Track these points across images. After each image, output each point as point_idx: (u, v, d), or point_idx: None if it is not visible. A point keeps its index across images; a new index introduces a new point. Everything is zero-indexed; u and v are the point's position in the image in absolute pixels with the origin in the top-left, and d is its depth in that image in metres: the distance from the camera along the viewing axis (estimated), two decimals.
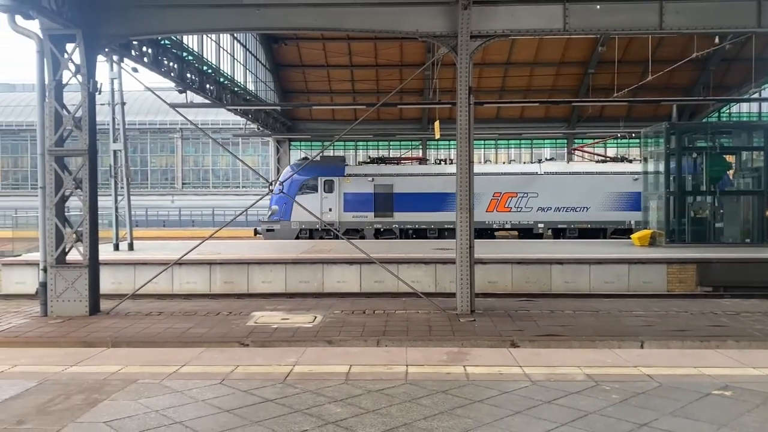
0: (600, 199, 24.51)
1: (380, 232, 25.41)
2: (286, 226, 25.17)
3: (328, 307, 11.21)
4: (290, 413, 4.73)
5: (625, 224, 24.44)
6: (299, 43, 26.03)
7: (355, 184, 25.36)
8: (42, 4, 9.90)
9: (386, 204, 25.31)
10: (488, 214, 25.10)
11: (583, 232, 24.50)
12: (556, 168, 25.65)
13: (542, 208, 24.91)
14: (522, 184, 24.95)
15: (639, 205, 23.86)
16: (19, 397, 5.18)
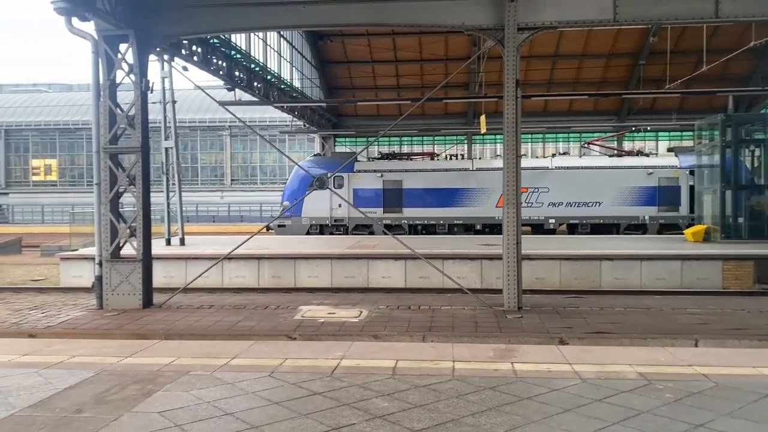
0: (613, 194, 24.10)
1: (390, 228, 25.00)
2: (297, 221, 25.44)
3: (373, 302, 11.26)
4: (338, 406, 4.77)
5: (639, 219, 24.00)
6: (344, 40, 26.13)
7: (364, 180, 25.45)
8: (96, 6, 10.20)
9: (395, 200, 25.27)
10: (498, 210, 24.16)
11: (596, 227, 24.09)
12: (568, 162, 25.24)
13: (553, 203, 24.51)
14: (532, 179, 24.42)
15: (654, 200, 23.76)
16: (78, 386, 5.37)
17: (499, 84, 23.29)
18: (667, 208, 24.06)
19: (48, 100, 42.05)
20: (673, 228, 23.83)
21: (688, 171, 23.80)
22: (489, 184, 24.66)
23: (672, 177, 24.17)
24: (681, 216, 23.70)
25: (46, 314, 10.72)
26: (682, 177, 24.00)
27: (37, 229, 35.57)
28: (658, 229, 24.01)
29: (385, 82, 28.67)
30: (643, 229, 24.07)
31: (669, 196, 23.99)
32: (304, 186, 25.71)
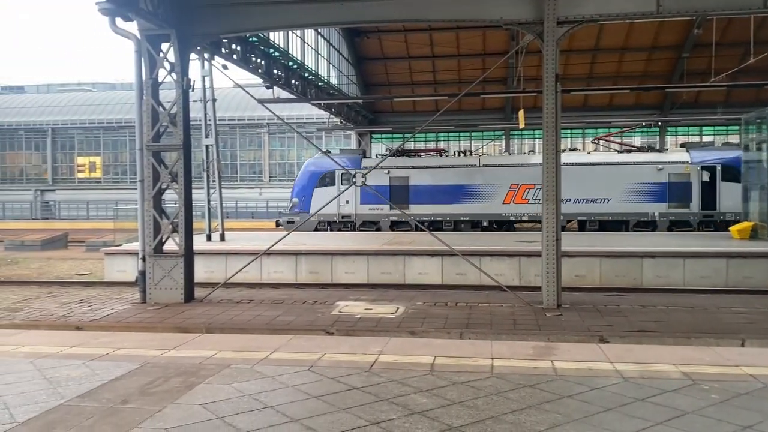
0: (621, 191, 23.82)
1: (396, 224, 25.45)
2: (305, 218, 25.48)
3: (410, 299, 11.27)
4: (376, 401, 4.78)
5: (648, 216, 23.67)
6: (381, 36, 26.16)
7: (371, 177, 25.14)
8: (139, 6, 10.42)
9: (402, 196, 25.12)
10: (505, 206, 24.75)
11: (604, 224, 23.81)
12: (576, 159, 24.88)
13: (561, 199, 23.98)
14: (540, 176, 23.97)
15: (664, 197, 23.34)
16: (123, 378, 5.51)
17: (537, 79, 23.02)
18: (677, 204, 23.72)
19: (92, 99, 43.15)
20: (683, 225, 23.51)
21: (699, 167, 23.54)
22: (496, 180, 24.75)
23: (683, 173, 23.78)
24: (692, 213, 23.35)
25: (91, 307, 11.03)
26: (694, 173, 23.64)
27: (82, 225, 36.60)
28: (669, 226, 23.72)
29: (422, 77, 28.60)
30: (653, 226, 23.74)
31: (680, 193, 23.64)
32: (312, 183, 26.02)
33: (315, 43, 22.17)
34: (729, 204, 23.18)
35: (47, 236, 27.64)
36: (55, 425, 4.34)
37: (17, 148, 43.06)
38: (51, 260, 22.20)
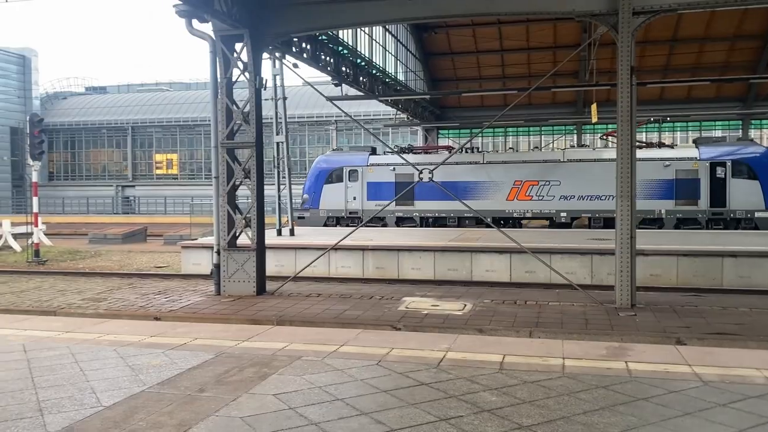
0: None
1: (401, 220, 25.66)
2: (315, 213, 26.32)
3: (477, 296, 11.17)
4: (445, 398, 4.78)
5: (654, 213, 23.08)
6: (449, 31, 25.96)
7: (377, 174, 25.67)
8: (214, 7, 10.75)
9: (407, 193, 24.90)
10: (508, 203, 24.62)
11: (608, 221, 22.89)
12: (580, 155, 24.56)
13: (565, 196, 23.98)
14: (543, 172, 24.21)
15: (671, 193, 22.73)
16: (200, 367, 5.73)
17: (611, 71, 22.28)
18: (685, 201, 23.03)
19: (169, 99, 44.88)
20: (691, 223, 22.90)
21: (708, 163, 22.78)
22: (499, 177, 24.63)
23: (691, 169, 23.07)
24: (700, 210, 22.64)
25: (169, 299, 11.49)
26: (702, 169, 22.87)
27: (160, 219, 38.15)
28: (675, 224, 23.05)
29: (490, 72, 28.22)
30: (660, 224, 23.13)
31: (688, 190, 22.94)
32: (321, 179, 26.67)
33: (383, 39, 22.26)
34: (739, 201, 22.54)
35: (128, 230, 28.97)
36: (137, 410, 4.56)
37: (100, 145, 45.32)
38: (131, 253, 23.27)
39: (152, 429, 4.17)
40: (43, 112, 41.63)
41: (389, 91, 23.07)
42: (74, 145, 45.22)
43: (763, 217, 22.18)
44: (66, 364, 5.84)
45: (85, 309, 10.49)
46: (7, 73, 42.27)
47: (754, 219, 22.38)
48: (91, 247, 25.54)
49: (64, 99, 47.74)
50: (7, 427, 4.25)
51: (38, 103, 44.24)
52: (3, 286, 13.47)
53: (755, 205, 22.29)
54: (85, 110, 45.41)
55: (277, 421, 4.32)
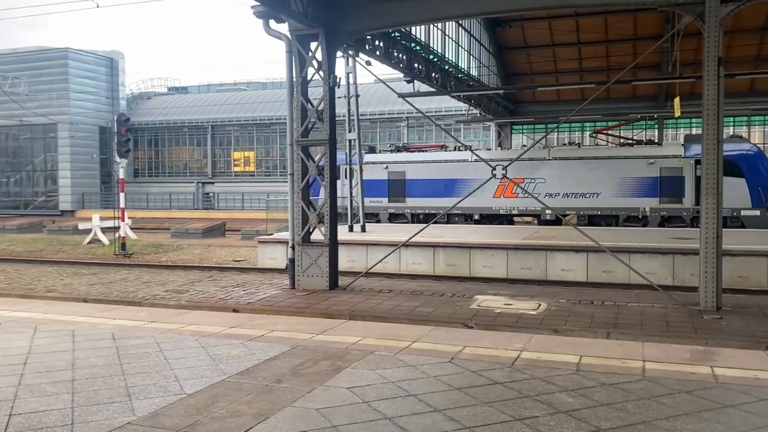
0: (611, 185, 23.24)
1: (394, 216, 26.67)
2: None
3: (552, 295, 10.94)
4: (520, 398, 4.71)
5: (638, 211, 23.26)
6: (523, 25, 25.46)
7: (372, 172, 26.24)
8: (291, 8, 10.98)
9: (399, 190, 26.35)
10: (495, 200, 24.97)
11: (593, 219, 23.41)
12: (565, 153, 24.85)
13: (549, 194, 24.12)
14: (529, 170, 24.43)
15: (655, 191, 22.61)
16: (277, 358, 5.88)
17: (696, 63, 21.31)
18: (669, 199, 22.99)
19: (247, 98, 46.18)
20: (676, 221, 22.68)
21: (693, 160, 22.57)
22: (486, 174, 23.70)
23: (675, 167, 22.97)
24: (685, 208, 22.53)
25: (246, 291, 11.85)
26: (687, 167, 22.76)
27: (237, 215, 39.39)
28: (660, 222, 22.97)
29: (567, 65, 27.48)
30: (644, 222, 23.09)
31: (672, 187, 22.80)
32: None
33: (455, 34, 22.09)
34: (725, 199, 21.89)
35: (207, 225, 30.04)
36: (218, 398, 4.73)
37: (182, 143, 47.20)
38: (211, 247, 24.13)
39: (232, 417, 4.32)
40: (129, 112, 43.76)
41: (462, 87, 22.87)
42: (158, 144, 47.30)
43: (750, 215, 22.02)
44: (151, 352, 6.13)
45: (168, 300, 10.97)
46: (97, 75, 44.64)
47: (740, 217, 22.15)
48: (173, 241, 26.67)
49: (148, 99, 49.98)
50: (99, 410, 4.50)
51: (125, 104, 46.51)
52: (93, 277, 14.27)
53: (741, 203, 22.02)
54: (167, 110, 47.39)
55: (352, 414, 4.38)
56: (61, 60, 42.45)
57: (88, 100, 43.79)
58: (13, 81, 38.92)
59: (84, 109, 43.40)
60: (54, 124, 42.16)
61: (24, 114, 39.50)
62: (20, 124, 41.73)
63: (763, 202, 22.08)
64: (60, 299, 10.96)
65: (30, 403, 4.64)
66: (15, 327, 7.39)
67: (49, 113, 41.18)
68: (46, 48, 44.33)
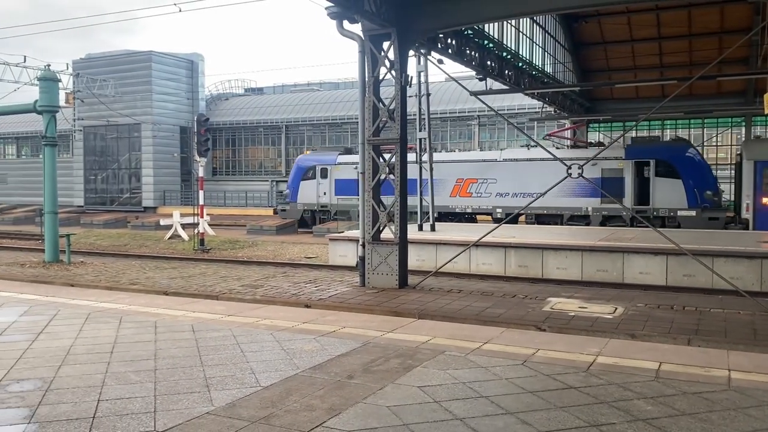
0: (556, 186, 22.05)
1: None
2: (294, 206, 30.42)
3: (629, 299, 10.60)
4: (595, 403, 4.58)
5: (582, 211, 24.47)
6: (601, 20, 24.69)
7: (344, 172, 28.56)
8: (364, 8, 11.08)
9: None
10: (451, 199, 26.63)
11: (540, 218, 24.61)
12: (515, 155, 26.33)
13: (500, 193, 25.87)
14: (482, 171, 26.29)
15: (597, 192, 23.14)
16: (348, 355, 5.96)
17: None
18: (610, 199, 22.84)
19: (319, 98, 46.92)
20: (616, 220, 23.47)
21: (633, 162, 23.67)
22: (444, 175, 26.32)
23: (616, 168, 24.00)
24: (625, 208, 23.10)
25: (318, 288, 12.05)
26: (627, 168, 23.82)
27: None
28: (601, 221, 23.94)
29: (646, 61, 26.46)
30: (586, 221, 24.16)
31: (612, 188, 23.37)
32: (298, 176, 30.50)
33: (530, 31, 21.67)
34: (662, 200, 23.33)
35: (281, 222, 30.77)
36: (292, 392, 4.84)
37: (257, 143, 48.48)
38: (284, 244, 24.70)
39: (305, 411, 4.41)
40: (207, 112, 45.32)
41: (536, 84, 22.43)
42: (234, 143, 48.77)
43: (686, 215, 22.87)
44: (228, 345, 6.34)
45: (243, 295, 11.30)
46: (178, 77, 46.47)
47: (677, 217, 23.05)
48: (248, 238, 27.46)
49: (226, 100, 51.61)
50: (180, 399, 4.69)
51: (204, 105, 48.20)
52: (173, 271, 14.88)
53: (678, 203, 23.02)
54: (244, 110, 48.79)
55: (422, 413, 4.38)
56: (145, 63, 44.45)
57: (170, 101, 45.67)
58: (102, 83, 41.05)
59: (166, 109, 45.30)
60: (138, 124, 44.19)
61: (111, 115, 41.59)
62: (107, 124, 43.97)
63: (699, 203, 22.87)
64: (143, 292, 11.50)
65: (116, 390, 4.88)
66: (102, 317, 7.81)
67: (133, 114, 43.22)
68: (132, 51, 46.54)
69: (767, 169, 21.26)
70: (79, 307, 8.53)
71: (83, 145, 46.89)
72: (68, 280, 13.22)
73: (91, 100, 40.12)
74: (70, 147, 47.51)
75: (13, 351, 6.08)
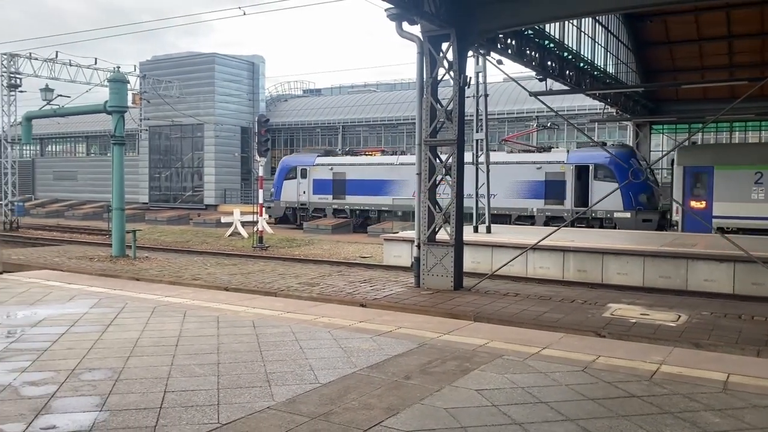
0: (505, 187, 25.96)
1: (337, 211, 31.59)
2: (277, 204, 32.97)
3: (693, 307, 10.26)
4: (659, 414, 4.45)
5: (527, 211, 26.18)
6: (666, 19, 23.91)
7: (321, 172, 31.28)
8: (424, 9, 11.09)
9: (341, 188, 31.18)
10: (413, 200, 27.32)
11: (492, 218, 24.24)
12: (467, 158, 24.81)
13: None
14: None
15: (541, 194, 25.41)
16: (405, 355, 5.98)
17: None
18: (553, 201, 25.63)
19: (375, 99, 47.16)
20: (559, 221, 24.28)
21: (573, 166, 25.23)
22: (408, 176, 27.65)
23: (559, 172, 25.49)
24: (566, 209, 24.83)
25: (373, 287, 12.14)
26: (568, 172, 25.31)
27: None
28: (545, 221, 25.33)
29: (714, 61, 25.47)
30: (531, 221, 25.77)
31: (555, 190, 25.41)
32: (282, 176, 33.28)
33: (592, 30, 21.19)
34: (601, 202, 23.75)
35: (337, 222, 31.13)
36: (350, 390, 4.90)
37: (314, 143, 49.03)
38: (339, 243, 24.96)
39: (364, 410, 4.45)
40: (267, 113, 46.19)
41: (597, 85, 21.92)
42: (293, 143, 49.53)
43: (622, 217, 24.43)
44: (287, 341, 6.46)
45: (300, 292, 11.50)
46: (240, 79, 47.58)
47: (614, 219, 24.55)
48: (305, 236, 27.87)
49: (285, 101, 52.52)
50: (242, 393, 4.82)
51: (263, 105, 49.19)
52: (234, 267, 15.25)
53: (614, 205, 24.03)
54: (302, 111, 49.52)
55: (480, 416, 4.35)
56: (208, 65, 45.70)
57: (231, 102, 46.80)
58: (167, 84, 42.43)
59: (227, 110, 46.44)
60: (201, 124, 45.47)
61: (175, 115, 42.92)
62: (172, 124, 45.41)
63: (634, 206, 24.54)
64: (204, 287, 11.84)
65: (181, 382, 5.05)
66: (167, 311, 8.08)
67: (196, 114, 44.49)
68: (196, 53, 47.92)
69: (695, 174, 22.93)
70: (145, 301, 8.85)
71: (148, 144, 48.58)
72: (134, 274, 13.74)
73: (157, 101, 41.52)
74: (136, 146, 49.25)
75: (85, 341, 6.37)
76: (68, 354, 5.88)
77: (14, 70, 33.60)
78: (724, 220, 21.62)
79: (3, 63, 33.44)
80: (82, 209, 46.04)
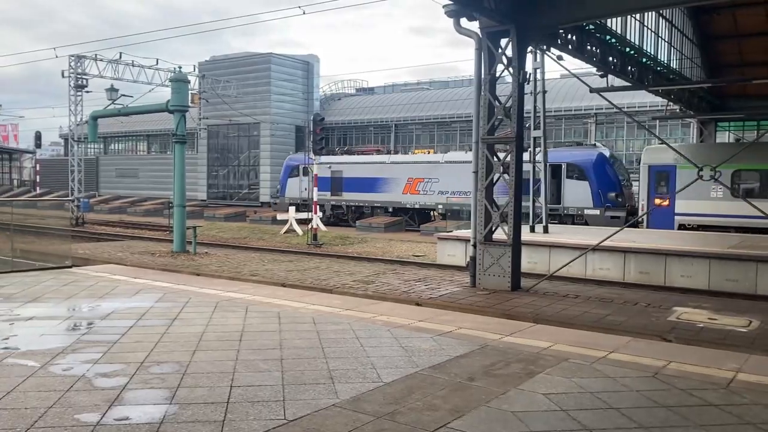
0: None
1: (335, 207, 33.66)
2: (282, 200, 35.10)
3: (765, 312, 9.82)
4: (740, 424, 4.25)
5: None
6: (735, 11, 22.91)
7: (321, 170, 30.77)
8: (483, 5, 10.96)
9: (338, 186, 33.33)
10: (403, 196, 31.19)
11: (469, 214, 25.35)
12: (456, 157, 29.54)
13: (442, 191, 29.78)
14: (428, 171, 30.36)
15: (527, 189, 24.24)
16: (467, 356, 5.90)
17: None
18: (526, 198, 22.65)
19: (428, 97, 46.95)
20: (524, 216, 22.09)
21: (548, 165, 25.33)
22: (399, 174, 31.12)
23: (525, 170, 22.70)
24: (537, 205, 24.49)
25: (428, 287, 12.08)
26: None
27: None
28: None
29: None
30: None
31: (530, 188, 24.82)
32: (286, 174, 35.80)
33: (655, 25, 20.51)
34: (572, 199, 26.35)
35: (389, 220, 31.20)
36: (413, 390, 4.85)
37: (367, 141, 49.24)
38: (392, 241, 24.97)
39: (429, 410, 4.40)
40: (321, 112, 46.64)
41: (660, 81, 21.19)
42: (346, 141, 49.84)
43: (591, 214, 25.84)
44: (348, 338, 6.47)
45: (356, 290, 11.55)
46: (295, 78, 48.17)
47: (584, 215, 25.96)
48: (358, 234, 28.02)
49: (338, 100, 52.89)
50: (306, 389, 4.84)
51: (318, 104, 49.67)
52: (290, 264, 15.45)
53: (585, 203, 26.00)
54: (355, 110, 49.79)
55: (549, 421, 4.25)
56: (264, 64, 46.45)
57: (287, 101, 47.44)
58: (225, 84, 43.34)
59: (283, 109, 47.10)
60: (257, 123, 46.25)
61: (232, 114, 43.79)
62: (229, 123, 46.35)
63: (603, 203, 25.79)
64: (263, 283, 12.03)
65: (246, 377, 5.12)
66: (229, 306, 8.23)
67: (253, 113, 45.28)
68: (253, 54, 48.76)
69: (659, 174, 23.60)
70: (207, 296, 9.04)
71: (207, 142, 49.74)
72: (195, 269, 14.08)
73: (215, 100, 42.45)
74: (195, 144, 50.50)
75: (152, 335, 6.54)
76: (137, 347, 6.04)
77: (81, 71, 34.95)
78: (685, 218, 22.70)
79: (70, 64, 34.82)
80: (143, 206, 47.53)
